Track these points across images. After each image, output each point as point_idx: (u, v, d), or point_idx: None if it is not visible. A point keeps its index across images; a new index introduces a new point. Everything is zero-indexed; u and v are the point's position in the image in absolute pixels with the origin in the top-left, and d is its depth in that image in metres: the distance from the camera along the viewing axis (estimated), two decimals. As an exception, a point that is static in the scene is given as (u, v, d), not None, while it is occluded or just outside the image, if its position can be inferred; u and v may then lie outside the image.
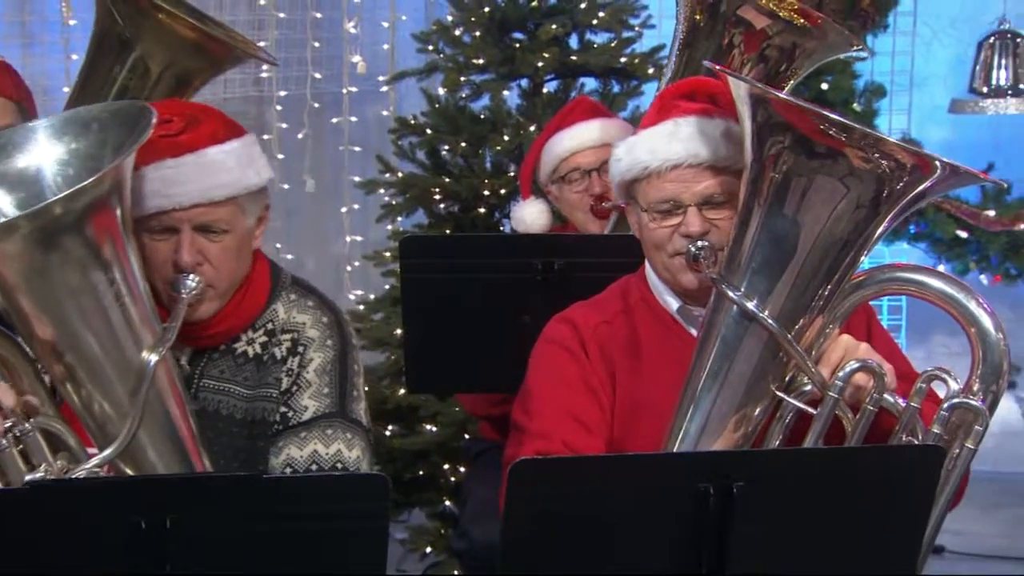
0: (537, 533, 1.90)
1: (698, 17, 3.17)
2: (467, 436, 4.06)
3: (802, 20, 3.12)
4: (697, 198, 2.32)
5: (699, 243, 2.30)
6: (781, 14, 3.11)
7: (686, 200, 2.32)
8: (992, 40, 4.99)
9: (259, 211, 2.42)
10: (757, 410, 2.26)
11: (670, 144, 2.32)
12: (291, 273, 2.56)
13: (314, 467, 2.33)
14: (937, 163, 2.12)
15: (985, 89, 5.01)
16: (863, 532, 1.97)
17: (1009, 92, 4.96)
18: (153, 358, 2.09)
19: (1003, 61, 4.97)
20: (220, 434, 2.40)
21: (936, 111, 5.32)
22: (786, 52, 3.13)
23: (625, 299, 2.48)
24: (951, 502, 2.24)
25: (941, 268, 5.10)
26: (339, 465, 2.34)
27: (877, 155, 2.10)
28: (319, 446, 2.36)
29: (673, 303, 2.43)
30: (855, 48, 3.24)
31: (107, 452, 2.08)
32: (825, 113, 2.12)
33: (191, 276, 2.29)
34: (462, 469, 4.04)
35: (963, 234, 5.06)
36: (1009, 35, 4.96)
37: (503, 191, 4.30)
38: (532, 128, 4.17)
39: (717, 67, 2.34)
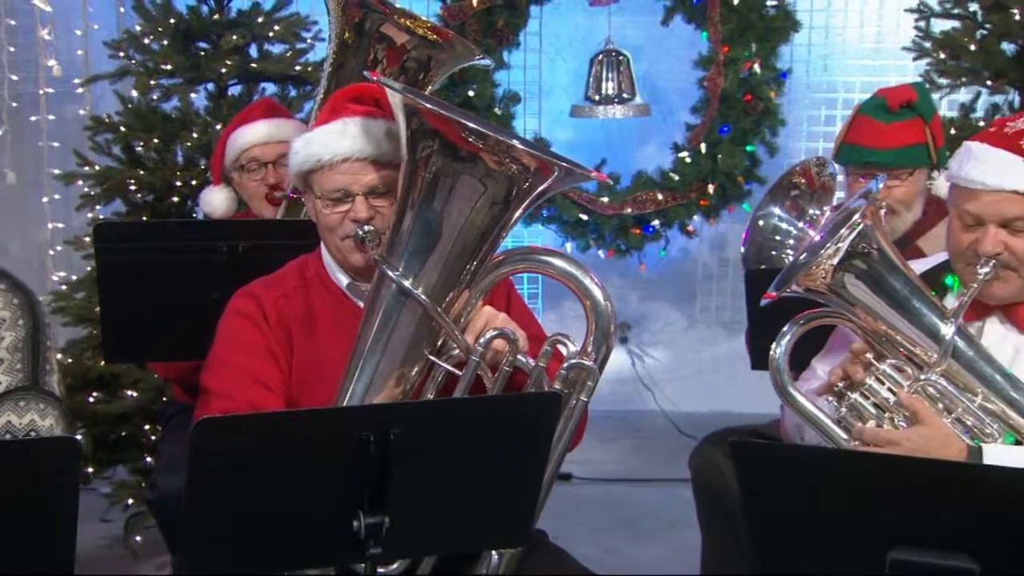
0: (218, 482, 1.85)
1: (347, 36, 3.16)
2: (164, 399, 3.97)
3: (435, 36, 3.16)
4: (363, 188, 2.31)
5: (365, 227, 2.29)
6: (417, 31, 3.14)
7: (354, 190, 2.31)
8: (601, 57, 5.15)
9: None
10: (414, 371, 2.27)
11: (340, 141, 2.31)
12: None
13: (7, 436, 2.19)
14: (556, 166, 2.16)
15: (597, 97, 5.16)
16: (499, 465, 2.01)
17: (616, 100, 5.15)
18: None
19: (610, 74, 5.14)
20: None
21: (561, 115, 5.44)
22: (423, 63, 3.17)
23: (302, 275, 2.45)
24: (571, 442, 2.30)
25: (568, 246, 5.28)
26: (32, 433, 2.20)
27: (508, 159, 2.14)
28: (12, 417, 2.21)
29: (344, 279, 2.42)
30: (478, 58, 3.32)
31: None
32: (466, 122, 2.14)
33: None
34: (160, 429, 3.92)
35: (584, 217, 5.23)
36: (614, 53, 5.14)
37: (194, 182, 4.20)
38: (219, 126, 4.08)
39: (377, 79, 2.33)
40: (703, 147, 5.10)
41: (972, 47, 4.24)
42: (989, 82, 4.24)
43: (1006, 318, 2.39)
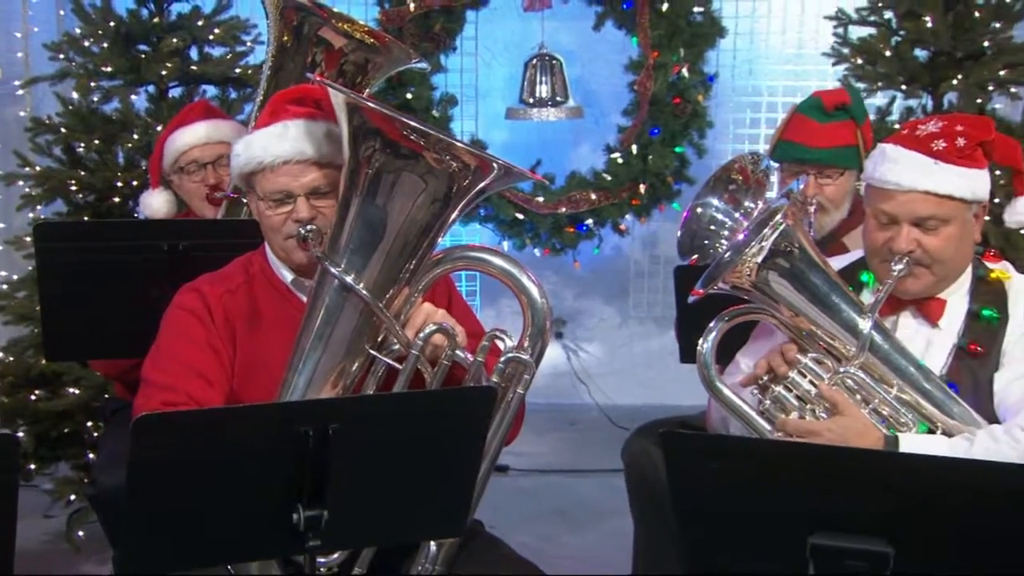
0: (158, 478, 1.83)
1: (286, 39, 3.14)
2: (106, 396, 3.89)
3: (372, 39, 3.15)
4: (305, 189, 2.30)
5: (308, 227, 2.28)
6: (355, 35, 3.13)
7: (296, 191, 2.30)
8: (535, 61, 5.17)
9: None
10: (355, 366, 2.26)
11: (281, 143, 2.29)
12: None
13: None
14: (495, 164, 2.18)
15: (532, 100, 5.18)
16: (437, 458, 2.01)
17: (550, 103, 5.17)
18: None
19: (543, 78, 5.17)
20: None
21: (497, 118, 5.45)
22: (360, 66, 3.15)
23: (247, 271, 2.43)
24: (509, 434, 2.31)
25: (505, 245, 5.29)
26: None
27: (448, 157, 2.15)
28: None
29: (288, 275, 2.40)
30: (415, 61, 3.32)
31: None
32: (408, 120, 2.15)
33: None
34: (102, 426, 3.87)
35: (521, 216, 5.24)
36: (547, 57, 5.17)
37: (135, 183, 4.14)
38: (159, 128, 4.02)
39: (318, 80, 2.32)
40: (634, 148, 5.13)
41: (887, 53, 4.32)
42: (903, 86, 4.32)
43: (918, 312, 2.44)
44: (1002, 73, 4.19)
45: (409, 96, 5.01)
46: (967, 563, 1.85)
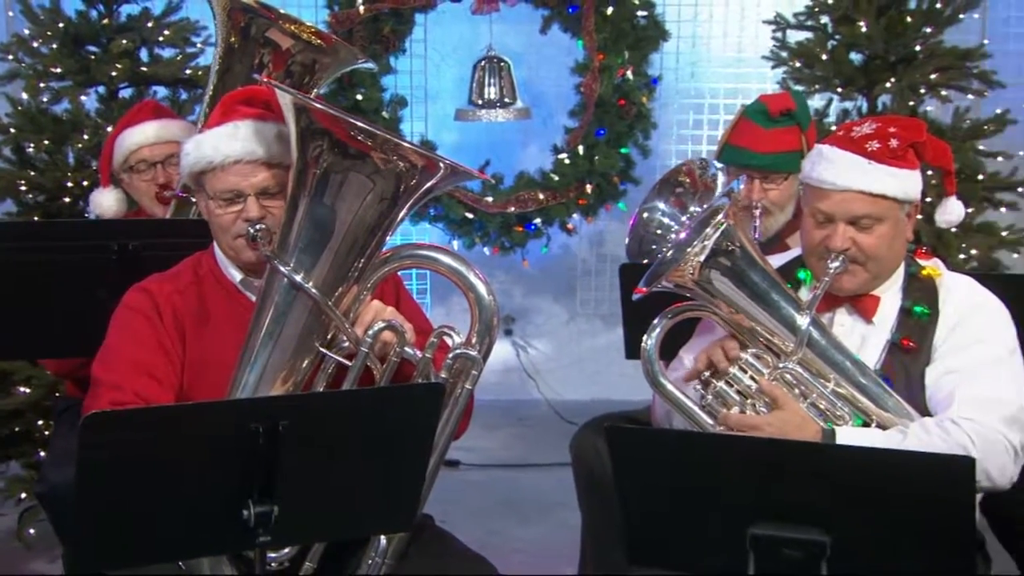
0: (108, 476, 1.81)
1: (233, 40, 3.11)
2: (57, 395, 3.84)
3: (319, 41, 3.13)
4: (255, 188, 2.28)
5: (257, 226, 2.26)
6: (302, 36, 3.11)
7: (246, 190, 2.28)
8: (483, 63, 5.16)
9: None
10: (304, 363, 2.25)
11: (231, 143, 2.27)
12: None
13: None
14: (441, 164, 2.17)
15: (480, 101, 5.16)
16: (386, 453, 2.00)
17: (498, 104, 5.16)
18: None
19: (492, 80, 5.15)
20: None
21: (446, 119, 5.43)
22: (308, 67, 3.14)
23: (196, 272, 2.41)
24: (457, 429, 2.30)
25: (454, 243, 5.27)
26: None
27: (396, 157, 2.14)
28: None
29: (237, 275, 2.38)
30: (362, 61, 3.30)
31: None
32: (354, 121, 2.14)
33: None
34: (53, 424, 3.81)
35: (470, 216, 5.22)
36: (495, 59, 5.16)
37: (86, 183, 4.08)
38: (109, 128, 3.97)
39: (265, 81, 2.30)
40: (581, 149, 5.14)
41: (824, 57, 4.37)
42: (839, 89, 4.37)
43: (854, 309, 2.47)
44: (933, 76, 4.26)
45: (359, 98, 4.98)
46: (900, 550, 1.88)
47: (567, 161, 5.18)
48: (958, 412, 2.26)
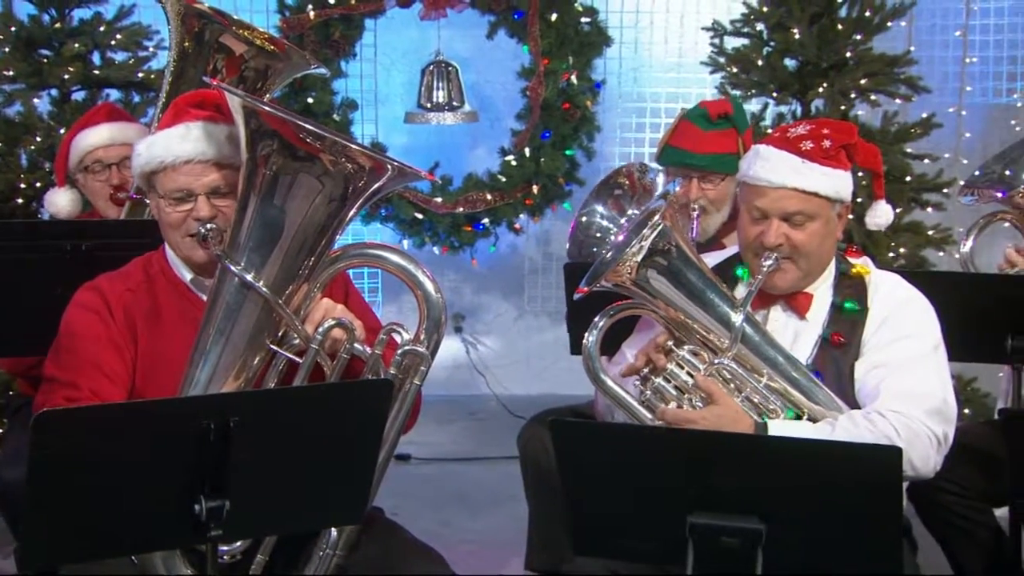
0: (59, 473, 1.78)
1: (187, 44, 3.09)
2: (11, 393, 3.78)
3: (271, 46, 3.12)
4: (205, 188, 2.26)
5: (208, 225, 2.25)
6: (255, 41, 3.09)
7: (196, 190, 2.26)
8: (432, 68, 5.16)
9: None
10: (256, 360, 2.23)
11: (182, 144, 2.25)
12: None
13: None
14: (389, 165, 2.17)
15: (429, 104, 5.16)
16: (336, 448, 2.00)
17: (446, 107, 5.16)
18: None
19: (440, 84, 5.16)
20: None
21: (396, 121, 5.42)
22: (261, 72, 3.13)
23: (147, 271, 2.38)
24: (406, 424, 2.29)
25: (405, 243, 5.25)
26: None
27: (344, 159, 2.13)
28: None
29: (187, 274, 2.36)
30: (314, 67, 3.29)
31: None
32: (303, 123, 2.13)
33: None
34: (6, 422, 3.74)
35: (420, 216, 5.21)
36: (444, 64, 5.16)
37: (39, 184, 4.04)
38: (62, 131, 3.94)
39: (215, 83, 2.28)
40: (527, 151, 5.16)
41: (760, 62, 4.42)
42: (775, 93, 4.41)
43: (788, 306, 2.49)
44: (863, 82, 4.31)
45: (310, 101, 4.95)
46: (832, 536, 1.91)
47: (514, 163, 5.19)
48: (885, 404, 2.30)
